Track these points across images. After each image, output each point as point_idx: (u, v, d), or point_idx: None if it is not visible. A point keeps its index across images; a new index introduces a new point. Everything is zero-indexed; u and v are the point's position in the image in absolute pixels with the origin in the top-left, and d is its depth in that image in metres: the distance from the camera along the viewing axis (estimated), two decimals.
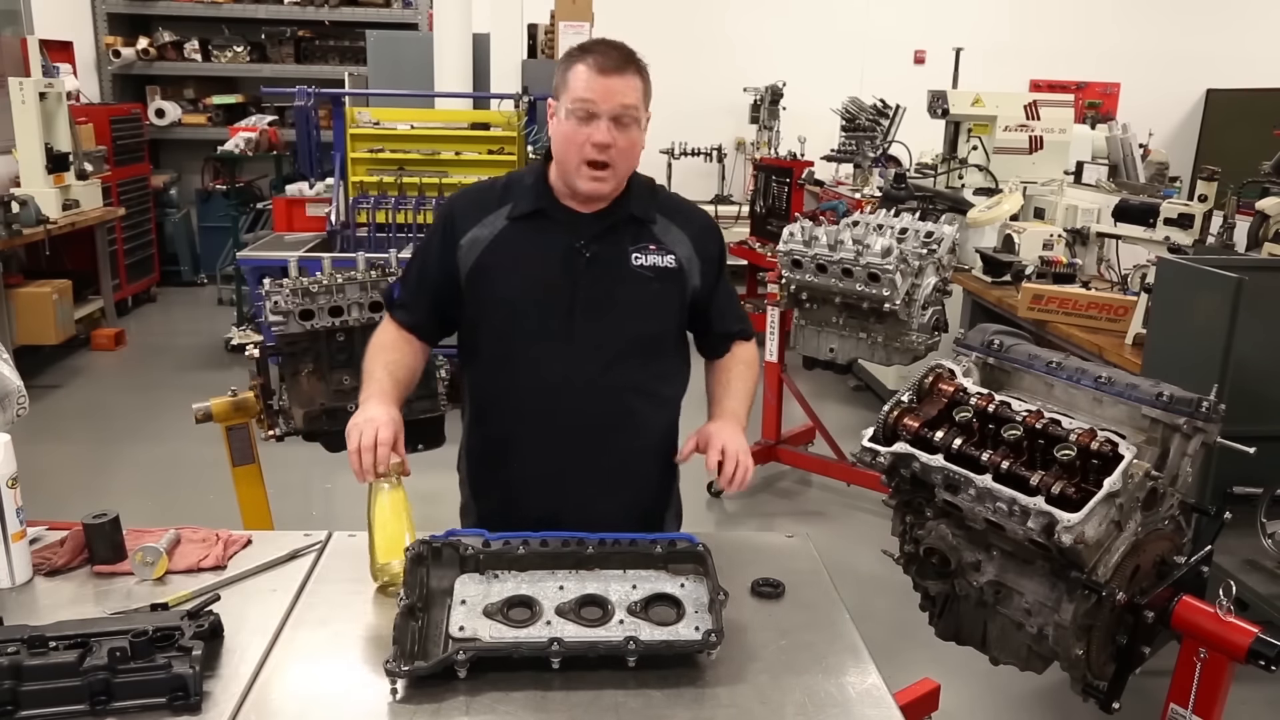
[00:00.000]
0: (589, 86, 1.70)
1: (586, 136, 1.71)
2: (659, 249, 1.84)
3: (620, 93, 1.71)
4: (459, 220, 1.86)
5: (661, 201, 1.91)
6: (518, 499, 1.89)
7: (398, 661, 1.37)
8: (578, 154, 1.73)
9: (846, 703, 1.40)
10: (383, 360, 1.85)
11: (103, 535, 1.71)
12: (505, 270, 1.82)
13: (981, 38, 7.15)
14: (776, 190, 6.09)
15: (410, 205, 5.49)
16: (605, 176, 1.75)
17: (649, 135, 1.83)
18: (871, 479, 3.09)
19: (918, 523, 1.93)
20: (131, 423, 5.12)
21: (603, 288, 1.81)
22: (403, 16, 7.87)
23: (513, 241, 1.83)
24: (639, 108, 1.74)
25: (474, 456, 1.99)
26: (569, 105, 1.73)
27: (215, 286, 7.80)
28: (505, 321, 1.83)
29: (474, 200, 1.89)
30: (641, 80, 1.76)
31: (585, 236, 1.81)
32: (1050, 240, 4.26)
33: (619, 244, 1.83)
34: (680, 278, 1.86)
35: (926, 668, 2.73)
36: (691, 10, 8.27)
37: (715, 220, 2.02)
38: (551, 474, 1.85)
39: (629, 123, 1.73)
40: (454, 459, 2.04)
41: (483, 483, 1.98)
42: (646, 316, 1.85)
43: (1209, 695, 1.65)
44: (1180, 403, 1.70)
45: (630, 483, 1.91)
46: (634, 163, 1.80)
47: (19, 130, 5.81)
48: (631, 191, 1.85)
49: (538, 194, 1.84)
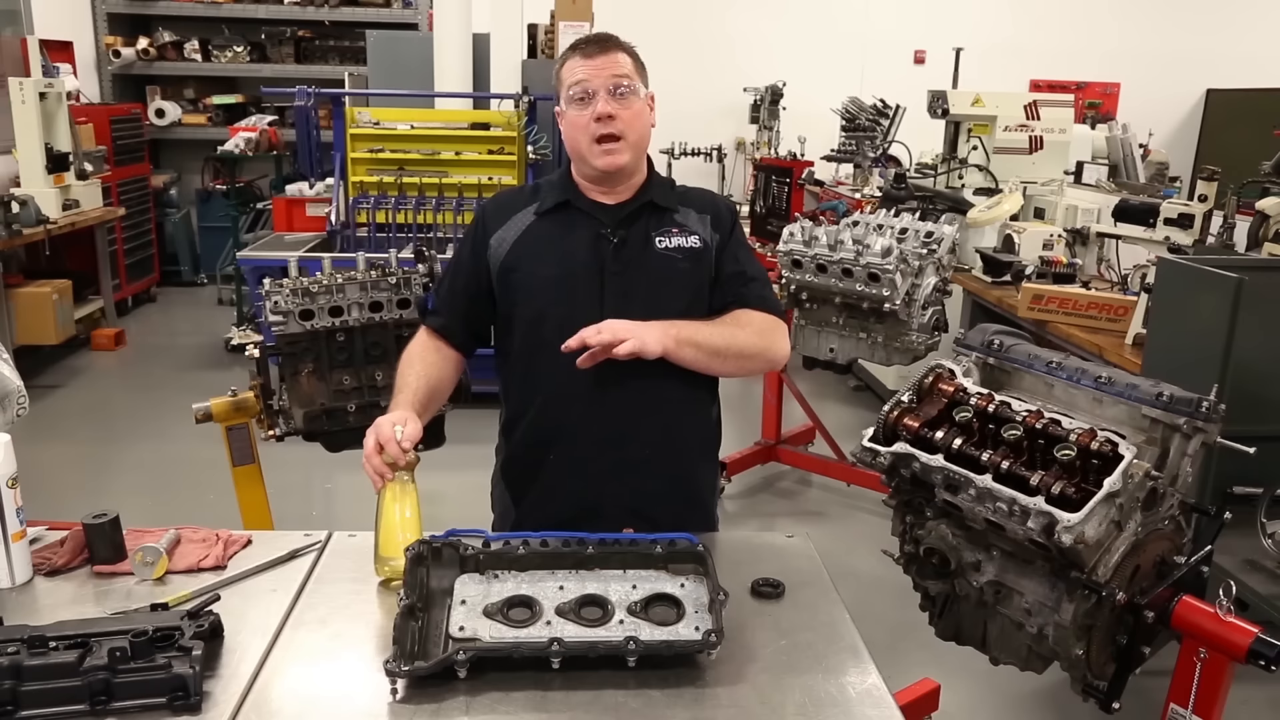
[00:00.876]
0: (579, 70, 1.79)
1: (589, 115, 1.78)
2: (681, 231, 1.88)
3: (609, 66, 1.79)
4: (489, 222, 1.93)
5: (681, 193, 1.97)
6: (558, 493, 1.90)
7: (398, 661, 1.37)
8: (586, 135, 1.79)
9: (846, 703, 1.40)
10: (411, 373, 1.87)
11: (103, 535, 1.71)
12: (534, 261, 1.87)
13: (981, 38, 7.15)
14: (776, 190, 6.08)
15: (410, 205, 5.49)
16: (617, 148, 1.79)
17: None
18: (871, 479, 3.09)
19: (918, 523, 1.93)
20: (131, 423, 5.12)
21: (630, 271, 1.84)
22: (403, 16, 7.88)
23: (540, 234, 1.88)
24: (631, 78, 1.80)
25: (513, 459, 1.98)
26: (567, 95, 1.81)
27: (215, 286, 7.81)
28: (537, 312, 1.86)
29: (504, 202, 1.96)
30: (627, 55, 1.82)
31: (611, 224, 1.85)
32: (1050, 240, 4.26)
33: (643, 230, 1.87)
34: (705, 256, 1.89)
35: (926, 668, 2.73)
36: (692, 10, 8.28)
37: (731, 202, 2.06)
38: (591, 461, 1.86)
39: (627, 93, 1.79)
40: (455, 459, 2.04)
41: (523, 483, 1.96)
42: (674, 297, 1.86)
43: (1209, 695, 1.65)
44: (1180, 403, 1.70)
45: (671, 464, 1.91)
46: (644, 132, 1.84)
47: (19, 130, 5.81)
48: (652, 181, 1.91)
49: (563, 188, 1.90)
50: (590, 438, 1.85)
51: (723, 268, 1.91)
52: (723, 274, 1.91)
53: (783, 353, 1.91)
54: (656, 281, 1.85)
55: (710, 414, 2.00)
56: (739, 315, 1.88)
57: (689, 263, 1.87)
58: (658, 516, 1.80)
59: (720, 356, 1.82)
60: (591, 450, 1.85)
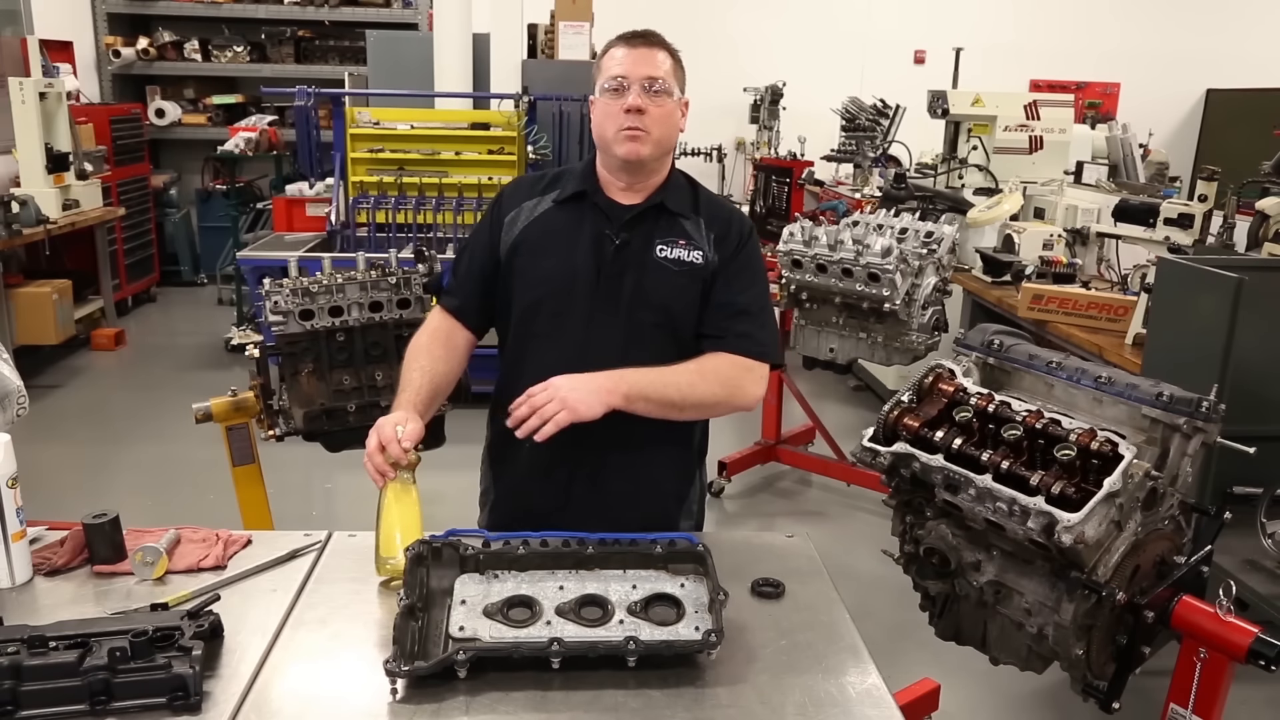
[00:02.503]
0: (619, 61, 1.80)
1: (620, 106, 1.78)
2: (688, 244, 1.87)
3: (647, 63, 1.80)
4: (506, 201, 1.95)
5: (700, 200, 1.94)
6: (526, 488, 1.91)
7: (398, 661, 1.37)
8: (614, 124, 1.80)
9: (846, 703, 1.40)
10: (418, 365, 1.86)
11: (103, 535, 1.71)
12: (538, 250, 1.87)
13: (981, 38, 7.14)
14: (776, 190, 6.08)
15: (410, 205, 5.49)
16: (641, 137, 1.79)
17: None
18: (871, 479, 3.10)
19: (918, 523, 1.93)
20: (131, 423, 5.12)
21: (624, 276, 1.84)
22: (403, 16, 7.87)
23: (551, 223, 1.89)
24: (668, 81, 1.81)
25: (494, 444, 2.00)
26: (603, 84, 1.82)
27: (215, 286, 7.81)
28: (532, 301, 1.87)
29: (524, 184, 1.98)
30: (669, 56, 1.83)
31: (618, 225, 1.85)
32: (1050, 240, 4.26)
33: (648, 234, 1.86)
34: (702, 274, 1.87)
35: (926, 668, 2.73)
36: (692, 10, 8.27)
37: (750, 223, 1.99)
38: (558, 464, 1.85)
39: (660, 92, 1.80)
40: (454, 459, 2.05)
41: (499, 469, 2.00)
42: (663, 307, 1.85)
43: (1209, 695, 1.65)
44: (1180, 403, 1.70)
45: (646, 467, 1.90)
46: (670, 132, 1.84)
47: (19, 130, 5.81)
48: (670, 185, 1.90)
49: (584, 178, 1.90)
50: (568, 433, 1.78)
51: (715, 294, 1.87)
52: (713, 299, 1.87)
53: (751, 398, 1.86)
54: (647, 290, 1.84)
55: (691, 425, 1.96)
56: (706, 361, 1.83)
57: (684, 277, 1.85)
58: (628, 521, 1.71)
59: (676, 408, 1.80)
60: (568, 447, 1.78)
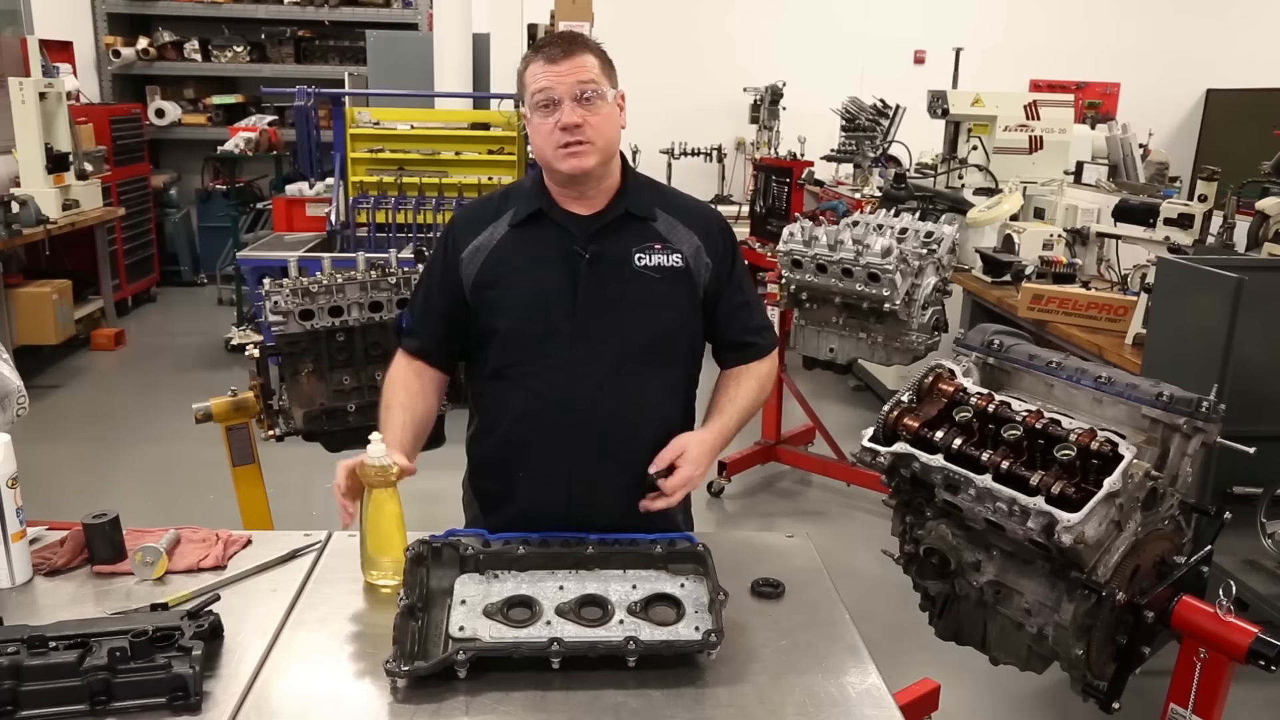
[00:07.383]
0: (542, 76, 1.71)
1: (554, 123, 1.70)
2: (664, 248, 1.81)
3: (573, 72, 1.70)
4: (459, 235, 1.85)
5: (664, 198, 1.88)
6: (525, 509, 1.83)
7: (398, 661, 1.37)
8: (551, 143, 1.71)
9: (846, 703, 1.40)
10: (395, 409, 1.83)
11: (103, 535, 1.71)
12: (507, 277, 1.80)
13: (981, 38, 7.14)
14: (776, 190, 6.07)
15: (410, 205, 5.49)
16: (583, 150, 1.71)
17: (650, 135, 1.83)
18: (871, 479, 3.09)
19: (918, 523, 1.93)
20: (131, 423, 5.12)
21: (605, 290, 1.77)
22: (403, 16, 7.87)
23: (513, 247, 1.81)
24: (598, 82, 1.71)
25: (480, 468, 1.94)
26: (531, 102, 1.73)
27: (215, 286, 7.80)
28: (510, 328, 1.80)
29: (473, 214, 1.89)
30: (594, 56, 1.74)
31: (584, 238, 1.78)
32: (1050, 240, 4.26)
33: (621, 244, 1.79)
34: (688, 277, 1.82)
35: (926, 668, 2.73)
36: (692, 10, 8.27)
37: (723, 216, 1.97)
38: (560, 482, 1.80)
39: (593, 98, 1.70)
40: (454, 459, 2.03)
41: (489, 493, 1.93)
42: (653, 318, 1.80)
43: (1209, 695, 1.65)
44: (1180, 403, 1.70)
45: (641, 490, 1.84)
46: (612, 137, 1.76)
47: (19, 130, 5.81)
48: (627, 188, 1.83)
49: (536, 195, 1.82)
50: (560, 461, 1.79)
51: (726, 298, 1.87)
52: (728, 305, 1.88)
53: (774, 380, 2.00)
54: (633, 303, 1.78)
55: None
56: (752, 368, 1.93)
57: (668, 284, 1.79)
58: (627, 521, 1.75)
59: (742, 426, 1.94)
60: (560, 474, 1.79)
